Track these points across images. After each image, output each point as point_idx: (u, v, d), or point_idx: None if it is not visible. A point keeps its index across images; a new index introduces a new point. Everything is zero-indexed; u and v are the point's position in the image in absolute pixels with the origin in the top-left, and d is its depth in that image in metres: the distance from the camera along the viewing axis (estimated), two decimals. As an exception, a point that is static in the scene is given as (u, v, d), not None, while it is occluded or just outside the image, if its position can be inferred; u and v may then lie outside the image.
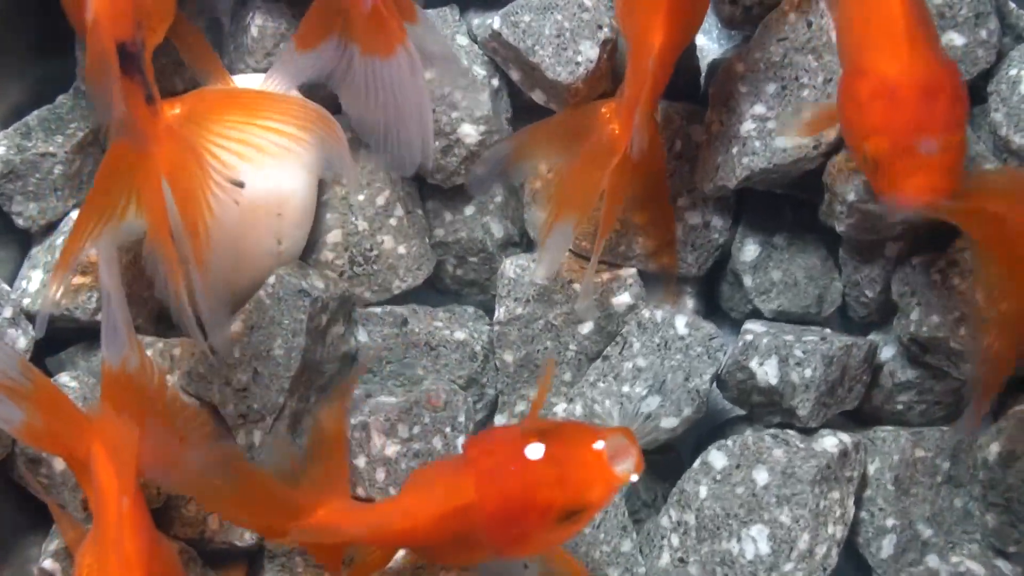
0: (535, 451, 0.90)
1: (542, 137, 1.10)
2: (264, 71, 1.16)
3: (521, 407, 1.16)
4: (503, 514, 0.91)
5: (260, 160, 0.96)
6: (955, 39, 1.10)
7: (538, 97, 1.16)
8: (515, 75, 1.16)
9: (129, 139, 0.94)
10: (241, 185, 0.95)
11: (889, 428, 1.14)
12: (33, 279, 1.11)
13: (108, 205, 0.95)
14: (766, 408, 1.13)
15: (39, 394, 0.98)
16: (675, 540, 1.09)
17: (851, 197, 1.06)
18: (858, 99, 0.93)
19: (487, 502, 0.91)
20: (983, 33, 1.10)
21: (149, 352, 1.11)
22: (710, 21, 1.21)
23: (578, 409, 1.11)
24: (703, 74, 1.20)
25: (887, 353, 1.15)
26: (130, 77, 0.93)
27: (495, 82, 1.17)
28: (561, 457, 0.90)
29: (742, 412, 1.17)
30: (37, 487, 1.07)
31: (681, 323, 1.11)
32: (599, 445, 0.90)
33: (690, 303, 1.18)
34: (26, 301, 1.11)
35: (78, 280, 1.11)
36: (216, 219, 0.95)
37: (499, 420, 1.16)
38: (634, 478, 0.90)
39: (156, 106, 0.95)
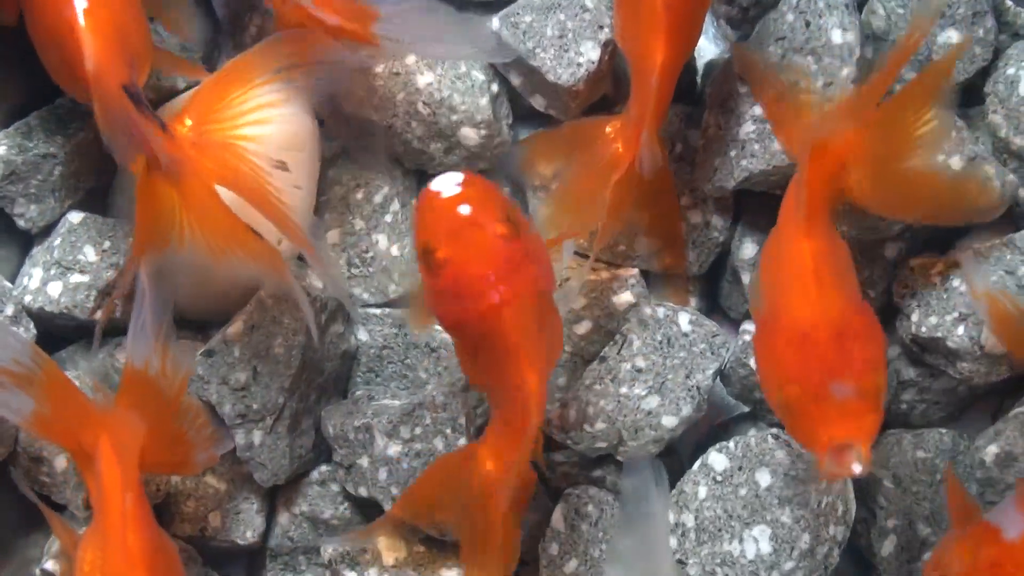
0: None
1: (547, 147, 1.12)
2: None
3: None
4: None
5: (280, 113, 0.98)
6: (952, 37, 1.10)
7: (538, 103, 1.16)
8: (515, 80, 1.16)
9: (163, 170, 0.95)
10: (284, 166, 0.97)
11: (891, 430, 1.14)
12: (34, 277, 1.12)
13: (158, 236, 0.96)
14: (768, 406, 1.13)
15: (50, 383, 0.98)
16: (673, 542, 1.09)
17: (853, 198, 1.07)
18: (773, 348, 0.93)
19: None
20: (980, 31, 1.10)
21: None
22: (707, 20, 1.21)
23: (572, 414, 1.11)
24: (699, 74, 1.20)
25: (890, 353, 1.14)
26: (141, 113, 0.93)
27: (495, 87, 1.17)
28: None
29: (745, 410, 1.17)
30: (27, 489, 1.06)
31: (684, 320, 1.11)
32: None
33: (692, 301, 1.18)
34: (27, 299, 1.11)
35: (77, 279, 1.11)
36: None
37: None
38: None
39: (171, 131, 0.96)
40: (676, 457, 1.16)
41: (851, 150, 0.97)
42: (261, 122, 0.98)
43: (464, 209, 0.90)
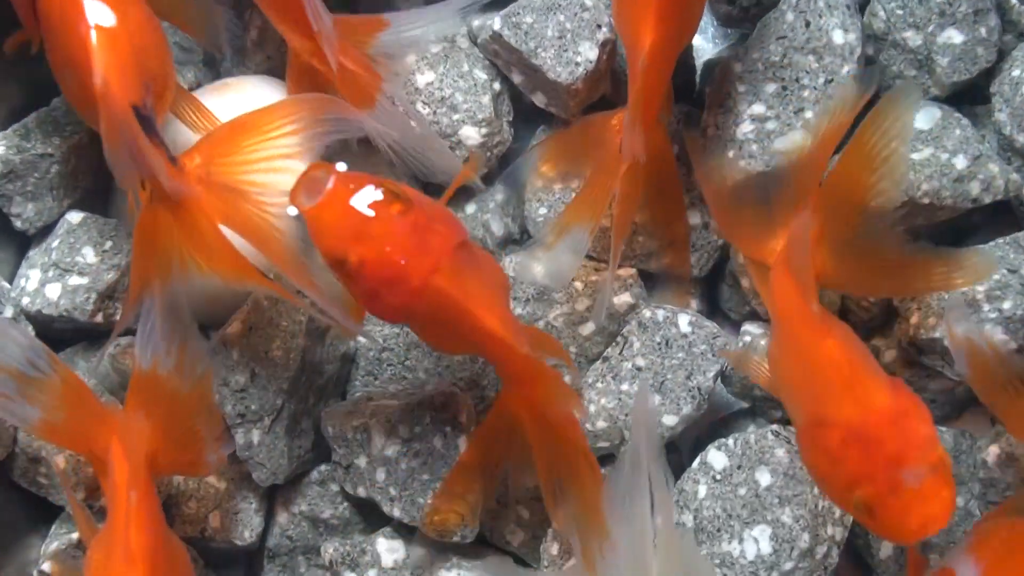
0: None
1: (561, 148, 1.12)
2: (264, 74, 1.17)
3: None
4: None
5: (290, 166, 0.96)
6: (954, 36, 1.10)
7: (539, 100, 1.16)
8: (517, 78, 1.16)
9: (164, 202, 0.95)
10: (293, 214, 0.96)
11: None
12: (32, 279, 1.12)
13: (157, 267, 0.97)
14: (768, 402, 1.13)
15: (64, 388, 0.98)
16: (673, 541, 1.09)
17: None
18: (829, 452, 0.89)
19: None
20: (983, 31, 1.10)
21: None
22: (705, 20, 1.21)
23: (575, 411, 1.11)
24: (698, 73, 1.20)
25: (888, 356, 1.14)
26: (151, 139, 0.92)
27: (496, 85, 1.17)
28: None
29: (744, 406, 1.17)
30: (68, 492, 1.07)
31: (684, 321, 1.11)
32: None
33: (692, 303, 1.18)
34: (25, 300, 1.11)
35: (76, 281, 1.11)
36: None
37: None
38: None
39: (179, 165, 0.96)
40: (676, 454, 1.16)
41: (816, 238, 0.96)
42: (271, 171, 0.97)
43: (347, 205, 0.89)
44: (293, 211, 0.91)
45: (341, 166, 0.91)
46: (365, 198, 0.89)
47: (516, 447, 1.02)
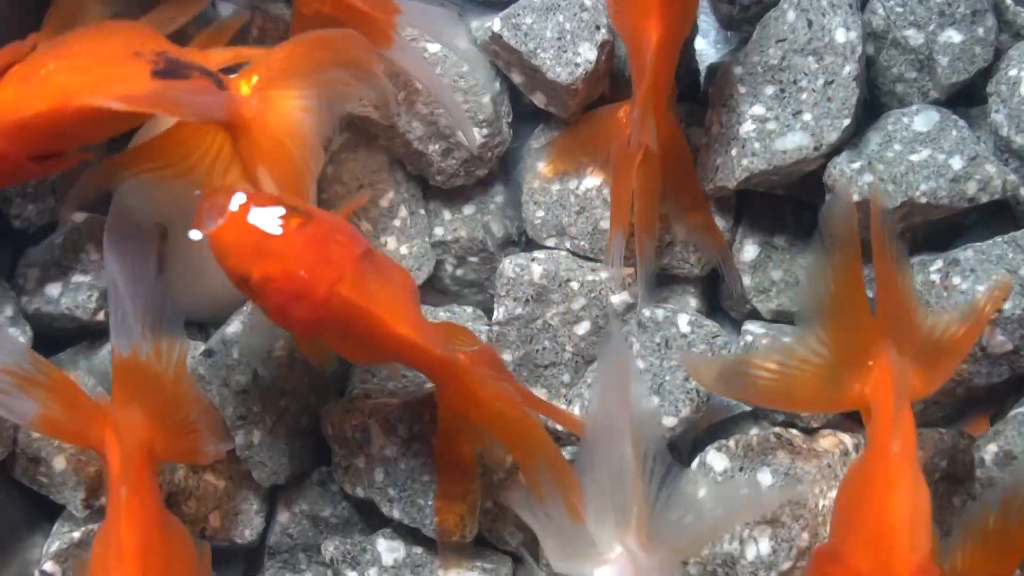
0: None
1: (568, 146, 1.14)
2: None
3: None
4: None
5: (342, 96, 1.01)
6: (953, 36, 1.10)
7: (538, 100, 1.16)
8: (516, 78, 1.16)
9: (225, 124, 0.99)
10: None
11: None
12: (30, 278, 1.12)
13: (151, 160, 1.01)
14: (769, 404, 1.13)
15: (53, 384, 0.98)
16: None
17: (854, 197, 1.06)
18: None
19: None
20: (980, 31, 1.10)
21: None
22: (708, 24, 1.21)
23: (576, 411, 1.11)
24: (703, 76, 1.20)
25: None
26: (188, 78, 0.96)
27: (497, 85, 1.17)
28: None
29: (745, 409, 1.17)
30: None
31: (684, 321, 1.11)
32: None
33: (693, 303, 1.18)
34: (24, 300, 1.11)
35: (78, 279, 1.11)
36: None
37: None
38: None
39: (228, 86, 0.98)
40: (675, 455, 1.16)
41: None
42: (328, 95, 1.01)
43: (247, 224, 0.90)
44: (197, 235, 0.92)
45: (240, 192, 0.92)
46: (264, 216, 0.91)
47: (474, 435, 1.03)
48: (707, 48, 1.22)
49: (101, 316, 1.11)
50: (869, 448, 0.96)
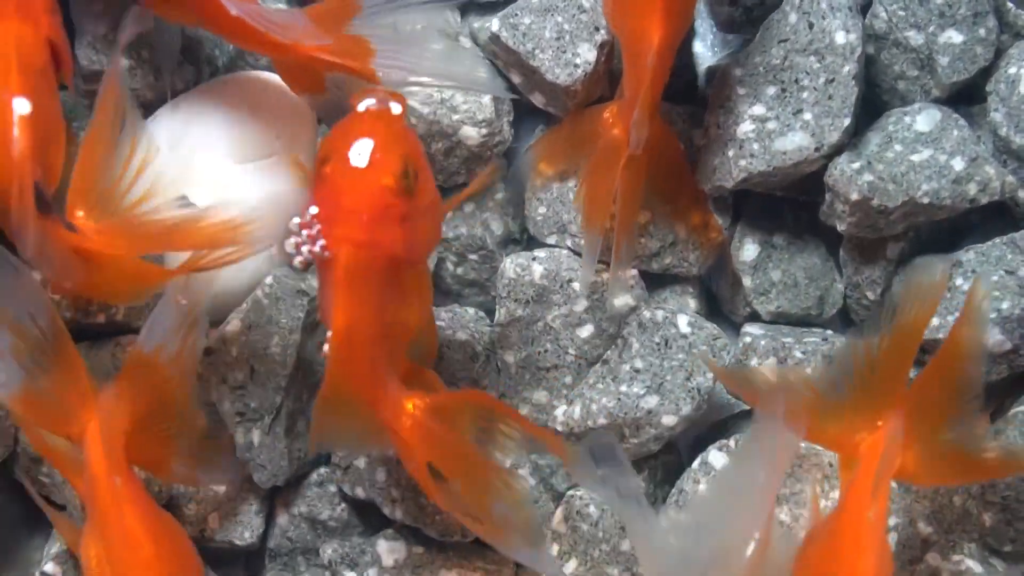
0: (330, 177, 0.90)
1: (552, 146, 1.14)
2: (264, 69, 1.17)
3: (524, 409, 1.15)
4: (369, 234, 0.89)
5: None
6: (954, 37, 1.10)
7: (537, 100, 1.16)
8: (516, 79, 1.16)
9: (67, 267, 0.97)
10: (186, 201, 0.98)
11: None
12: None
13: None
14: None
15: (55, 356, 0.97)
16: (672, 540, 1.09)
17: (854, 196, 1.06)
18: None
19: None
20: (981, 31, 1.10)
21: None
22: (705, 27, 1.21)
23: (577, 411, 1.11)
24: (701, 79, 1.20)
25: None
26: (45, 215, 0.93)
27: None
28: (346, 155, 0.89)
29: (745, 407, 1.17)
30: (29, 486, 1.06)
31: (683, 322, 1.11)
32: (361, 106, 0.91)
33: (692, 304, 1.18)
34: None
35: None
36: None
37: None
38: (395, 108, 0.92)
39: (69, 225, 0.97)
40: (675, 454, 1.17)
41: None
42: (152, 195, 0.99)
43: (374, 143, 0.89)
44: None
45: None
46: (387, 155, 0.89)
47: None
48: (705, 52, 1.22)
49: (102, 318, 1.11)
50: (845, 507, 0.96)
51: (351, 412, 0.94)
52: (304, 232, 0.89)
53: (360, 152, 0.89)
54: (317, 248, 0.89)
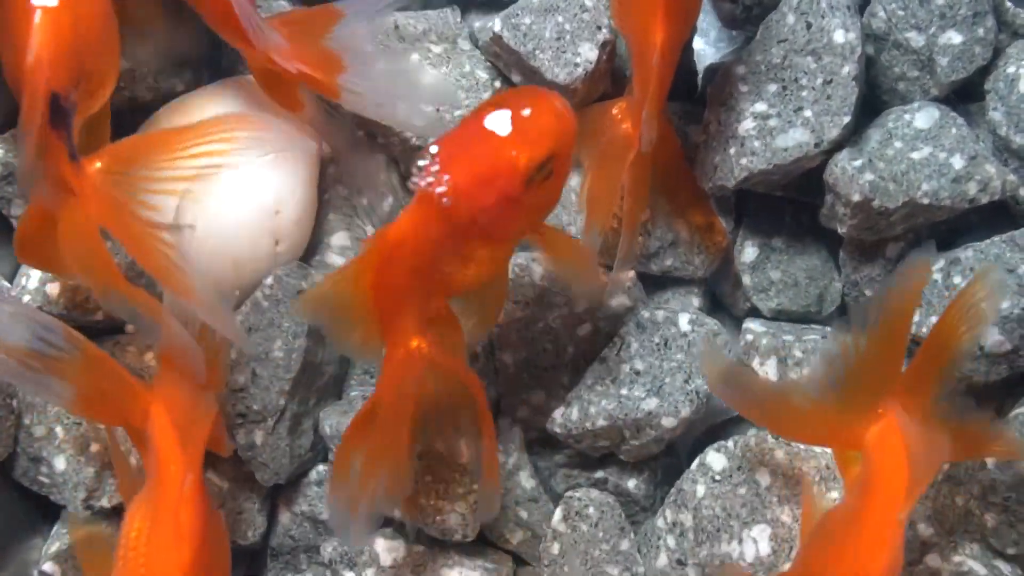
0: (477, 124, 0.88)
1: None
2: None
3: (523, 411, 1.16)
4: (472, 193, 0.88)
5: (198, 188, 0.94)
6: (953, 37, 1.10)
7: (539, 100, 1.16)
8: (516, 78, 1.17)
9: (49, 197, 0.93)
10: (190, 227, 0.94)
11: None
12: (32, 277, 1.12)
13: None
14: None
15: (89, 363, 0.97)
16: (671, 541, 1.09)
17: (855, 198, 1.06)
18: None
19: (452, 190, 0.88)
20: (980, 31, 1.10)
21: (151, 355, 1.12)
22: (708, 23, 1.22)
23: (575, 413, 1.11)
24: (700, 76, 1.20)
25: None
26: (56, 131, 0.90)
27: (498, 84, 1.17)
28: (504, 116, 0.88)
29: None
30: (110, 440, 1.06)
31: (684, 320, 1.11)
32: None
33: (695, 303, 1.18)
34: (26, 300, 1.11)
35: (78, 279, 1.11)
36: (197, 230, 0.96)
37: (501, 423, 1.16)
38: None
39: (79, 163, 0.93)
40: (674, 457, 1.16)
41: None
42: (169, 192, 0.95)
43: (543, 121, 0.88)
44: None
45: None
46: (539, 148, 0.88)
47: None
48: (706, 48, 1.22)
49: (100, 316, 1.11)
50: (869, 497, 0.93)
51: (362, 308, 0.94)
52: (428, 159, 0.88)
53: (525, 118, 0.88)
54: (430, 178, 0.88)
